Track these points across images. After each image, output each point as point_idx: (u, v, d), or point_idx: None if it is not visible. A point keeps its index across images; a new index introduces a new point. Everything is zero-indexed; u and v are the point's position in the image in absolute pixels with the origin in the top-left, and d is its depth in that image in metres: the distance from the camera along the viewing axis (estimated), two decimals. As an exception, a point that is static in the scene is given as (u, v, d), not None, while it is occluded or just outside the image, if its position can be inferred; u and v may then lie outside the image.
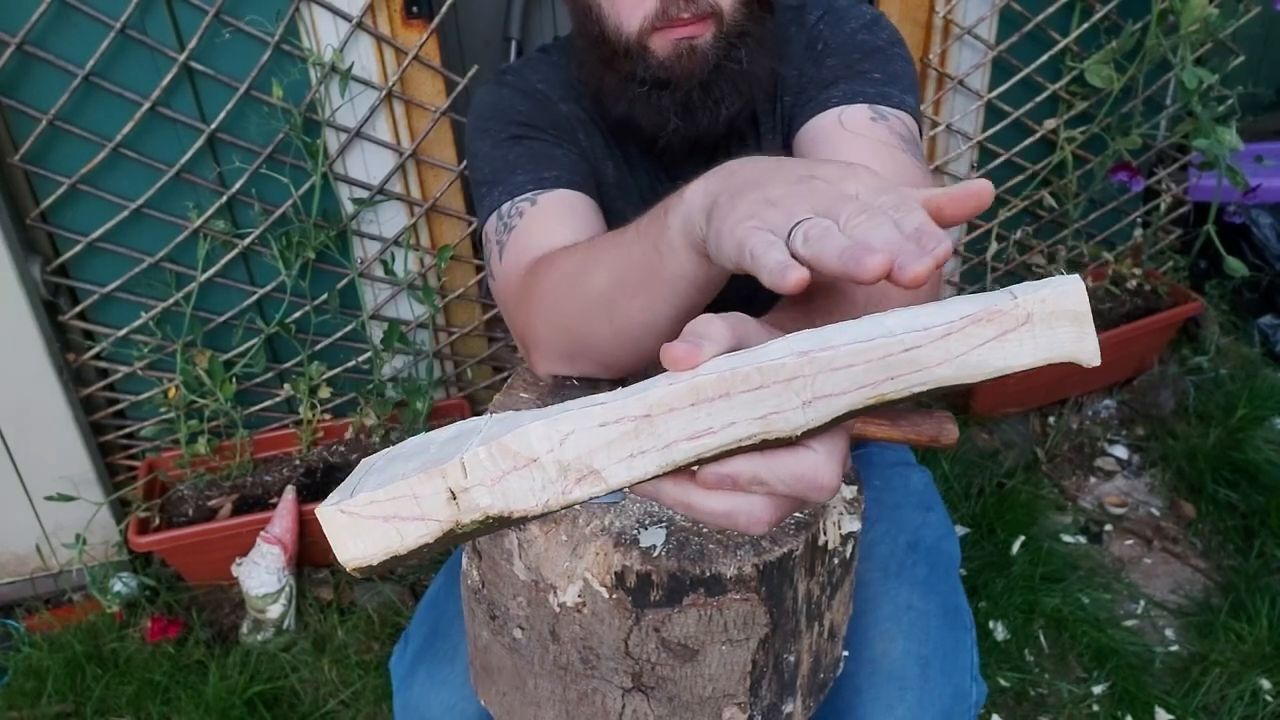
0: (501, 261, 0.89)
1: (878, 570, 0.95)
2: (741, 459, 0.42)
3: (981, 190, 0.44)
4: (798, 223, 0.44)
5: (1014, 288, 0.40)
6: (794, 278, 0.41)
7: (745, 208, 0.48)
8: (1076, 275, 0.40)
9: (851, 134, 0.84)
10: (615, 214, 0.94)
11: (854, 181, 0.47)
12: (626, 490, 0.43)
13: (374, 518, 0.42)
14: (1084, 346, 0.40)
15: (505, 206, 0.91)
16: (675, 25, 0.85)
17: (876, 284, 0.58)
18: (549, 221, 0.87)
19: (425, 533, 0.42)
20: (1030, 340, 0.39)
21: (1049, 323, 0.39)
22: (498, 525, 0.43)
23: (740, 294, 0.65)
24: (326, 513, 0.42)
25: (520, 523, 0.43)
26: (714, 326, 0.43)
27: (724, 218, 0.49)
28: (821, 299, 0.57)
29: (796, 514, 0.71)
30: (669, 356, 0.41)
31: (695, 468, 0.42)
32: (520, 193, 0.91)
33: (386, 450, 0.48)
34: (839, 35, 0.94)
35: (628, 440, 0.41)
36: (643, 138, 0.94)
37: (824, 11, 0.97)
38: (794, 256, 0.43)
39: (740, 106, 0.90)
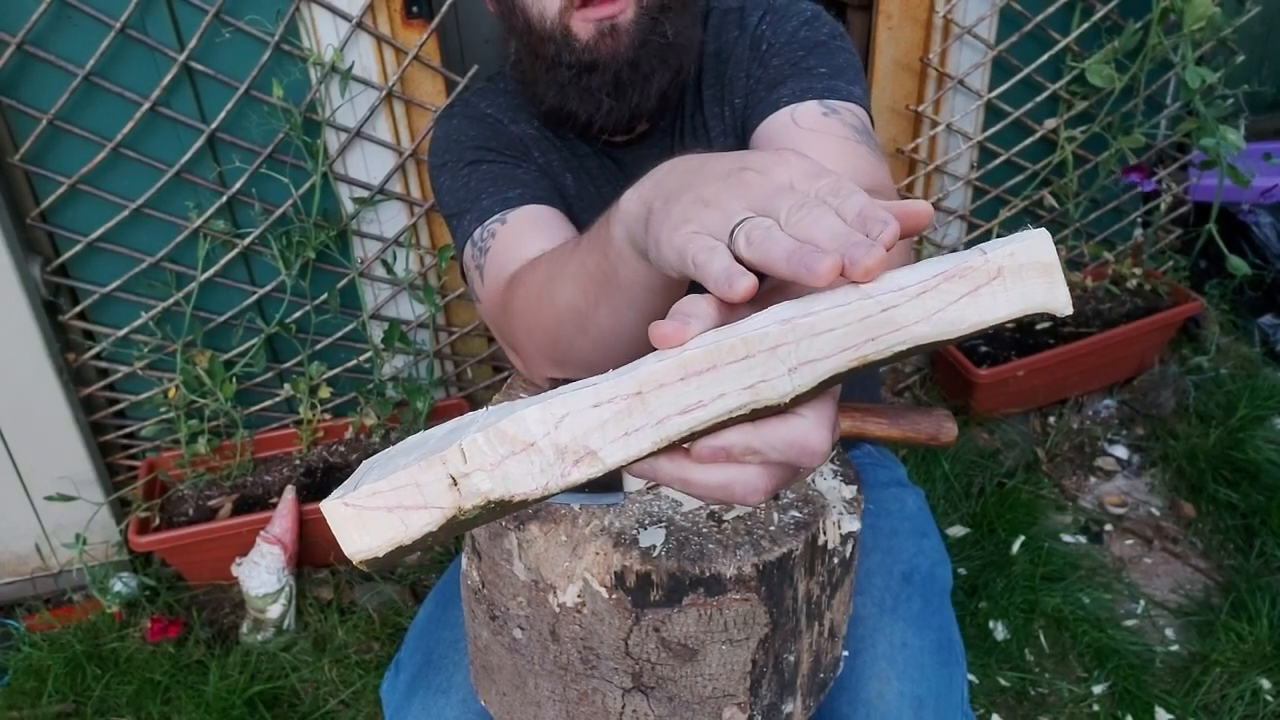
0: (484, 284, 0.90)
1: (873, 605, 0.95)
2: (734, 430, 0.42)
3: (920, 212, 0.43)
4: (739, 223, 0.44)
5: (983, 245, 0.41)
6: (741, 287, 0.41)
7: (680, 211, 0.48)
8: (1044, 229, 0.41)
9: (806, 130, 0.85)
10: (581, 224, 0.95)
11: (785, 169, 0.47)
12: (624, 468, 0.44)
13: (378, 509, 0.42)
14: (1055, 296, 0.41)
15: (477, 233, 0.92)
16: (595, 4, 0.86)
17: None
18: (522, 237, 0.88)
19: (429, 521, 0.42)
20: (1003, 293, 0.40)
21: (1020, 275, 0.40)
22: (500, 510, 0.43)
23: None
24: (331, 506, 0.43)
25: (522, 506, 0.43)
26: (700, 305, 0.43)
27: (660, 225, 0.49)
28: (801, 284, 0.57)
29: (796, 514, 0.71)
30: (657, 334, 0.42)
31: (689, 445, 0.43)
32: (488, 216, 0.92)
33: (386, 450, 0.48)
34: (781, 34, 0.95)
35: (621, 419, 0.41)
36: (578, 124, 0.94)
37: (764, 12, 0.98)
38: (739, 260, 0.43)
39: (670, 78, 0.91)
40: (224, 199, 1.63)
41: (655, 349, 0.43)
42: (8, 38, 1.43)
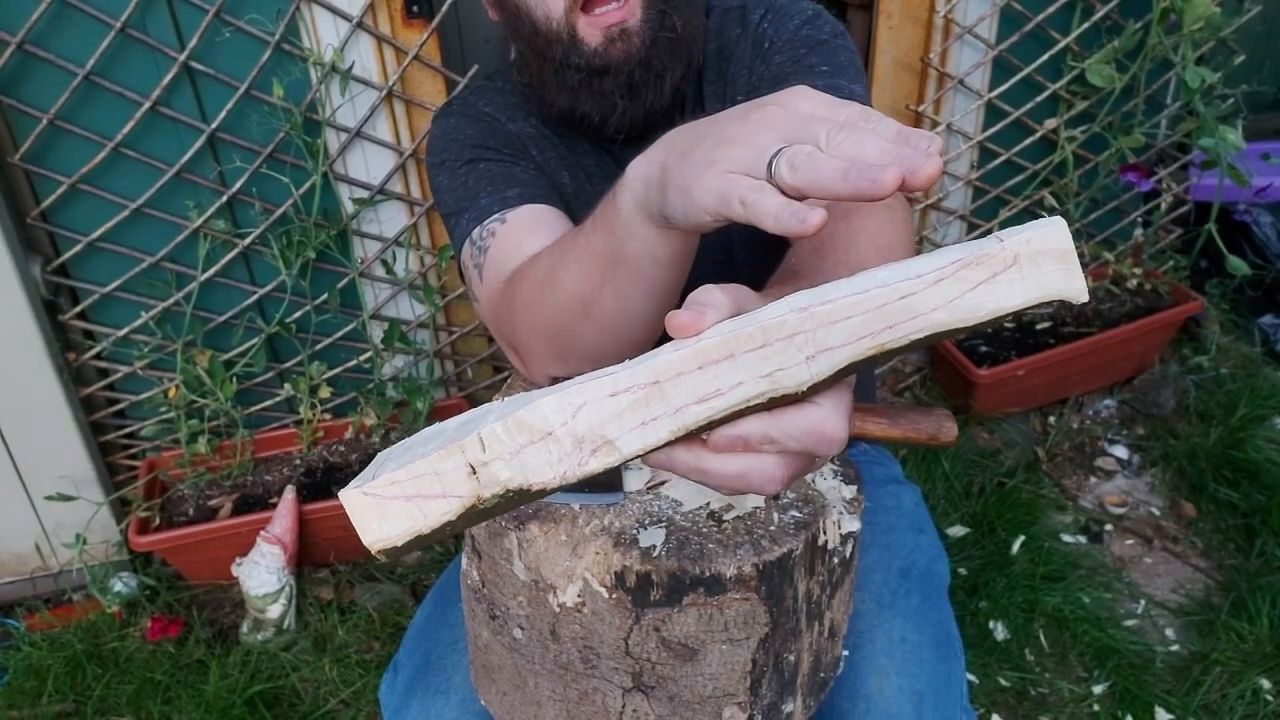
0: (483, 283, 0.90)
1: (872, 601, 0.96)
2: (751, 419, 0.42)
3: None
4: (775, 154, 0.42)
5: (1000, 232, 0.41)
6: (816, 219, 0.40)
7: (704, 155, 0.46)
8: (1059, 217, 0.41)
9: None
10: (579, 222, 0.95)
11: (805, 101, 0.45)
12: (639, 463, 0.44)
13: (397, 498, 0.42)
14: (1071, 283, 0.40)
15: (475, 232, 0.92)
16: (600, 9, 0.86)
17: (861, 251, 0.56)
18: (521, 236, 0.88)
19: (448, 509, 0.43)
20: (1020, 281, 0.40)
21: (1036, 262, 0.40)
22: (518, 499, 0.43)
23: (719, 276, 0.66)
24: (350, 496, 0.43)
25: (540, 495, 0.43)
26: (716, 295, 0.43)
27: (684, 175, 0.48)
28: (809, 275, 0.57)
29: (796, 514, 0.71)
30: (674, 324, 0.42)
31: (706, 435, 0.43)
32: (487, 215, 0.92)
33: (401, 442, 0.48)
34: (783, 33, 0.96)
35: (639, 408, 0.41)
36: (591, 126, 0.94)
37: (766, 10, 0.98)
38: (783, 191, 0.41)
39: (682, 72, 0.92)
40: (224, 199, 1.63)
41: (672, 339, 0.42)
42: (8, 38, 1.43)
